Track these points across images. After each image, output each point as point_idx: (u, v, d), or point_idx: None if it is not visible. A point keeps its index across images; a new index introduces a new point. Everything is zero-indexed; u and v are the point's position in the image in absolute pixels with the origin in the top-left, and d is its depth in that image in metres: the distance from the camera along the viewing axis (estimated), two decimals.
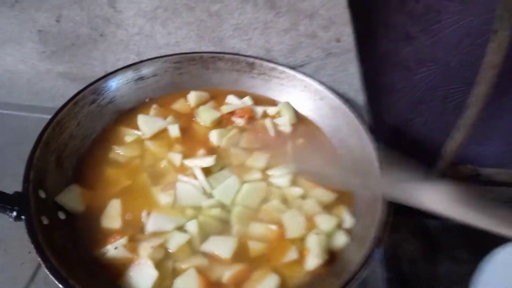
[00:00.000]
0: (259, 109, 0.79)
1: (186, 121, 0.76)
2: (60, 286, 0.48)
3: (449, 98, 0.98)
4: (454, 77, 0.93)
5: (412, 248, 0.90)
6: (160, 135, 0.73)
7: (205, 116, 0.76)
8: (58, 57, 0.91)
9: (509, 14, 0.72)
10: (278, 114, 0.80)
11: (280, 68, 0.80)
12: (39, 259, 0.50)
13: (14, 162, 0.65)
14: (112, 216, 0.61)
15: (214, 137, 0.72)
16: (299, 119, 0.80)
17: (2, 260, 0.67)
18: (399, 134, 1.07)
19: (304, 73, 0.79)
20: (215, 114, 0.77)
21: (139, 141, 0.72)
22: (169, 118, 0.75)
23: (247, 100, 0.81)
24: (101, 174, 0.67)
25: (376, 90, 0.97)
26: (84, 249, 0.58)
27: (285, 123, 0.77)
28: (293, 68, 0.81)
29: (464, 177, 0.98)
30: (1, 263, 0.67)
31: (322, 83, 0.77)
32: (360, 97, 0.89)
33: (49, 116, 0.68)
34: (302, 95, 0.80)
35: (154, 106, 0.77)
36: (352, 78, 0.85)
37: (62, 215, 0.61)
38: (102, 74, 0.91)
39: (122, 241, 0.58)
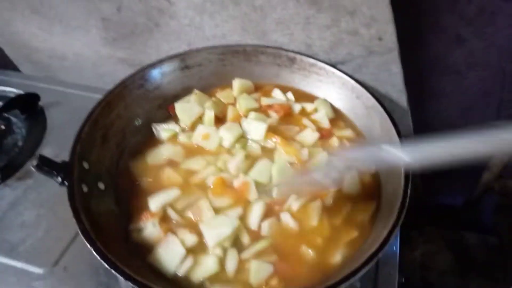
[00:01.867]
0: (297, 106, 0.81)
1: (225, 109, 0.81)
2: (90, 247, 0.54)
3: (503, 105, 0.92)
4: (509, 84, 0.88)
5: (444, 260, 0.87)
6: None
7: (243, 103, 0.79)
8: (118, 43, 0.99)
9: None
10: (315, 110, 0.81)
11: (320, 64, 0.81)
12: (75, 221, 0.57)
13: (73, 136, 0.73)
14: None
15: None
16: (337, 115, 0.80)
17: (52, 221, 0.76)
18: None
19: (343, 71, 0.79)
20: (253, 104, 0.80)
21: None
22: (208, 104, 0.79)
23: (290, 96, 0.83)
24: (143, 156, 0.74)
25: (422, 94, 0.94)
26: (117, 220, 0.65)
27: (322, 118, 0.79)
28: (334, 65, 0.82)
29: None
30: (51, 223, 0.76)
31: (359, 81, 0.77)
32: (403, 99, 0.88)
33: None
34: (339, 92, 0.81)
35: (196, 91, 0.82)
36: (395, 78, 0.84)
37: (101, 186, 0.68)
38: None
39: (155, 221, 0.63)
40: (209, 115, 0.77)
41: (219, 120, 0.78)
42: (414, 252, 0.90)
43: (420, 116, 0.95)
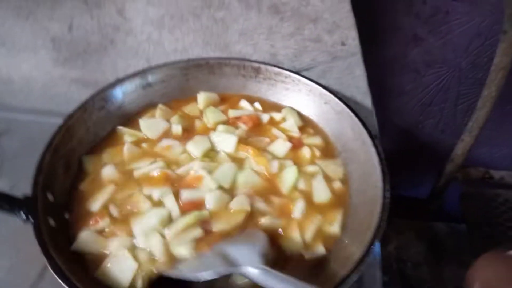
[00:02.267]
0: (265, 116, 0.80)
1: (192, 122, 0.78)
2: (64, 285, 0.50)
3: (460, 99, 0.96)
4: (465, 79, 0.92)
5: (417, 251, 0.90)
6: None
7: (211, 116, 0.77)
8: (71, 63, 0.94)
9: None
10: (283, 120, 0.80)
11: (286, 72, 0.80)
12: (45, 258, 0.53)
13: (29, 166, 0.67)
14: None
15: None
16: (305, 122, 0.80)
17: (15, 259, 0.70)
18: (409, 136, 1.06)
19: (309, 78, 0.79)
20: (221, 117, 0.78)
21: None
22: (174, 118, 0.76)
23: (257, 106, 0.82)
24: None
25: (384, 93, 0.96)
26: None
27: (291, 126, 0.78)
28: (299, 72, 0.81)
29: (475, 180, 0.97)
30: (13, 262, 0.70)
31: (326, 87, 0.77)
32: (367, 100, 0.89)
33: None
34: (307, 99, 0.80)
35: (160, 106, 0.79)
36: (358, 81, 0.85)
37: (67, 215, 0.63)
38: (114, 79, 0.94)
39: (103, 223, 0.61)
40: (177, 129, 0.74)
41: (187, 133, 0.75)
42: (388, 247, 0.92)
43: (383, 115, 0.98)
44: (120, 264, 0.57)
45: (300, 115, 0.81)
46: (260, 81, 0.83)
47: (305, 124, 0.79)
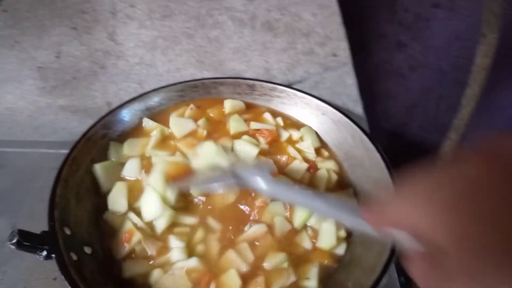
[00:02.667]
0: (285, 133, 0.79)
1: (216, 126, 0.79)
2: None
3: (442, 99, 1.01)
4: (446, 80, 0.97)
5: None
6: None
7: (233, 126, 0.78)
8: (59, 91, 0.92)
9: (495, 18, 0.76)
10: (301, 139, 0.79)
11: (280, 87, 0.82)
12: None
13: (27, 200, 0.65)
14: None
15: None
16: (321, 144, 0.80)
17: None
18: (397, 138, 1.10)
19: (303, 91, 0.81)
20: (243, 127, 0.78)
21: None
22: (201, 121, 0.77)
23: (280, 122, 0.81)
24: None
25: (372, 98, 1.00)
26: (112, 275, 0.60)
27: (308, 148, 0.77)
28: (292, 84, 0.84)
29: None
30: None
31: (321, 99, 0.79)
32: (358, 107, 0.92)
33: (54, 150, 0.68)
34: (304, 112, 0.82)
35: (191, 106, 0.79)
36: (349, 90, 0.88)
37: (88, 250, 0.62)
38: (103, 104, 0.93)
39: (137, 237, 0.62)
40: (202, 133, 0.75)
41: (209, 136, 0.76)
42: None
43: (371, 118, 1.01)
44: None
45: (317, 135, 0.81)
46: (256, 97, 0.85)
47: (322, 145, 0.79)
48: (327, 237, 0.64)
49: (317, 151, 0.76)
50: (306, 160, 0.75)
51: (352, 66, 0.83)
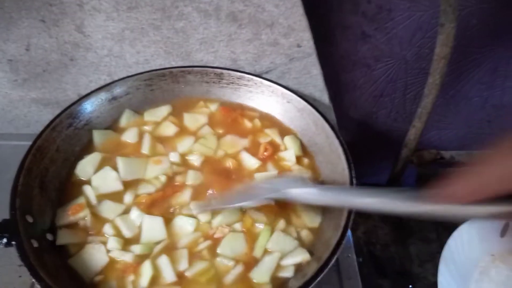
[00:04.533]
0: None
1: None
2: None
3: (408, 89, 1.04)
4: (411, 69, 0.99)
5: (384, 233, 0.96)
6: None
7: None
8: (30, 84, 0.93)
9: (452, 8, 0.78)
10: (284, 148, 0.80)
11: (247, 76, 0.84)
12: (34, 280, 0.53)
13: None
14: None
15: None
16: (271, 122, 0.83)
17: None
18: (365, 127, 1.13)
19: (270, 79, 0.83)
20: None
21: None
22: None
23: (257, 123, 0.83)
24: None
25: (339, 88, 1.02)
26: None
27: (290, 157, 0.77)
28: (259, 75, 0.85)
29: (428, 161, 1.05)
30: None
31: (287, 87, 0.82)
32: (325, 97, 0.95)
33: (26, 143, 0.69)
34: (270, 100, 0.85)
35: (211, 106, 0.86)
36: (316, 80, 0.90)
37: (50, 237, 0.63)
38: (75, 96, 0.94)
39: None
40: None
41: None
42: (357, 232, 0.97)
43: (339, 108, 1.04)
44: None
45: (269, 117, 0.84)
46: (224, 86, 0.87)
47: (304, 154, 0.80)
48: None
49: (298, 160, 0.78)
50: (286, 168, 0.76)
51: (316, 56, 0.85)
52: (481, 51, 0.97)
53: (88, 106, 0.78)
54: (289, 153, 0.77)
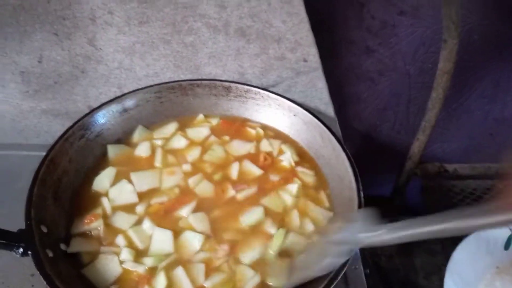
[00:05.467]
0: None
1: None
2: None
3: (411, 102, 1.06)
4: (414, 83, 1.01)
5: (388, 245, 0.97)
6: None
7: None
8: (41, 95, 0.95)
9: (454, 25, 0.80)
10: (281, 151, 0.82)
11: (255, 89, 0.86)
12: None
13: (6, 200, 0.68)
14: None
15: None
16: (279, 136, 0.85)
17: None
18: (369, 139, 1.14)
19: (276, 93, 0.85)
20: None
21: None
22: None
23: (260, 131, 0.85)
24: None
25: (344, 101, 1.04)
26: None
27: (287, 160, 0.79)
28: (266, 88, 0.87)
29: (432, 174, 1.06)
30: None
31: (293, 100, 0.83)
32: (330, 109, 0.96)
33: (36, 153, 0.71)
34: (277, 113, 0.86)
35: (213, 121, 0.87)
36: (321, 93, 0.92)
37: (64, 247, 0.65)
38: (85, 108, 0.96)
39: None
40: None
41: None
42: None
43: (344, 122, 1.06)
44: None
45: (274, 129, 0.86)
46: (231, 99, 0.88)
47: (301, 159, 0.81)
48: None
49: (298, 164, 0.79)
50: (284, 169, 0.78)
51: (322, 70, 0.87)
52: (483, 66, 0.99)
53: (100, 118, 0.80)
54: (287, 155, 0.79)
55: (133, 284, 0.61)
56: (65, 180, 0.72)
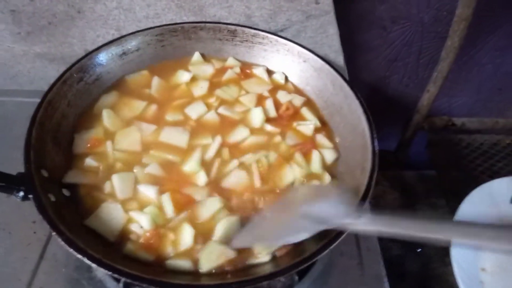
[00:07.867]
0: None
1: None
2: (80, 256, 0.50)
3: (422, 53, 1.02)
4: (427, 33, 0.97)
5: (392, 198, 0.96)
6: None
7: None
8: (34, 37, 0.89)
9: None
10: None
11: (262, 33, 0.81)
12: (54, 233, 0.52)
13: (2, 146, 0.64)
14: None
15: None
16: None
17: (10, 243, 0.69)
18: (377, 91, 1.11)
19: (286, 37, 0.80)
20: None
21: None
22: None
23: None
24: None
25: (354, 49, 1.00)
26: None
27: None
28: (274, 33, 0.83)
29: (439, 128, 1.04)
30: (8, 246, 0.68)
31: (303, 46, 0.79)
32: (340, 58, 0.92)
33: (31, 99, 0.67)
34: (285, 59, 0.82)
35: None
36: (331, 40, 0.88)
37: (66, 193, 0.62)
38: (82, 52, 0.91)
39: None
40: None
41: None
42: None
43: (352, 70, 1.02)
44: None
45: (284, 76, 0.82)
46: (237, 43, 0.84)
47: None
48: None
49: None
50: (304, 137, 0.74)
51: (334, 15, 0.82)
52: (500, 14, 0.95)
53: (99, 61, 0.75)
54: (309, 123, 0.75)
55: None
56: (64, 124, 0.69)
